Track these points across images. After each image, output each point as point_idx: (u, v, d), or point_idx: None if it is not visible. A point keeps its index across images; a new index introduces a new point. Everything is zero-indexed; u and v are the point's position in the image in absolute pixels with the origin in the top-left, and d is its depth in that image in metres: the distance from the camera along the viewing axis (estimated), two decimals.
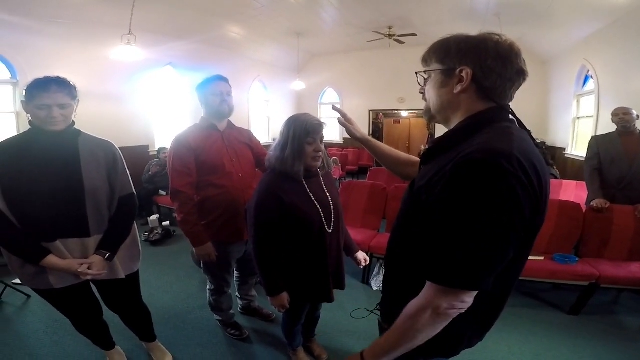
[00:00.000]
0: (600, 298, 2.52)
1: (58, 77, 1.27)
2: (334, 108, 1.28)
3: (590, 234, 2.61)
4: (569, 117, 5.61)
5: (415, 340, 0.72)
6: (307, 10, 5.61)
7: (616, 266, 2.37)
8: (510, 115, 0.75)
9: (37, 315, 2.31)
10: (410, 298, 0.74)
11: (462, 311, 0.69)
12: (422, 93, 0.85)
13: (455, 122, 0.77)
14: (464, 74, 0.71)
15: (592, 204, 2.65)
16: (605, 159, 2.71)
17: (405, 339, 0.73)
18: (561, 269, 2.36)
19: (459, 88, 0.73)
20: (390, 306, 0.91)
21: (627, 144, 2.61)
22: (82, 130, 1.42)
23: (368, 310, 1.06)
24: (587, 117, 5.14)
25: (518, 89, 0.74)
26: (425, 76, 0.82)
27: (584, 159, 2.96)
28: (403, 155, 1.23)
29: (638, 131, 2.61)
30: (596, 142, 2.81)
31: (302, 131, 1.34)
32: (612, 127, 2.78)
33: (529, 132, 0.74)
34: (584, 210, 2.67)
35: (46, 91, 1.22)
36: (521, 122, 0.75)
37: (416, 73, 0.84)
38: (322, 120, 1.40)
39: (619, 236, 2.54)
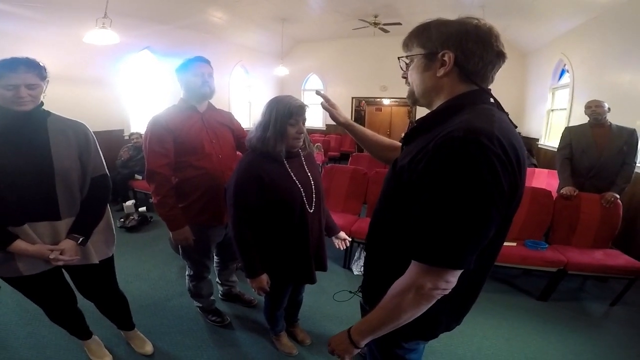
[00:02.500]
0: (567, 285, 2.67)
1: (27, 58, 1.21)
2: (318, 93, 1.29)
3: (559, 221, 2.74)
4: (544, 109, 5.79)
5: (400, 320, 0.73)
6: None
7: (582, 253, 2.50)
8: (491, 99, 0.76)
9: (9, 305, 2.20)
10: (391, 280, 0.75)
11: (446, 292, 0.70)
12: (404, 77, 0.86)
13: (437, 104, 0.78)
14: (446, 58, 0.73)
15: (562, 191, 2.77)
16: (576, 149, 2.82)
17: (389, 318, 0.74)
18: (532, 255, 2.47)
19: (441, 72, 0.74)
20: (371, 288, 0.92)
21: (598, 135, 2.73)
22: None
23: (351, 292, 1.07)
24: (560, 109, 5.33)
25: (497, 71, 0.75)
26: (407, 61, 0.83)
27: (556, 150, 3.08)
28: (386, 140, 1.24)
29: (609, 123, 2.73)
30: (569, 133, 2.93)
31: (284, 112, 1.32)
32: (584, 120, 2.89)
33: (507, 114, 0.75)
34: (554, 198, 2.79)
35: (14, 71, 1.16)
36: (500, 105, 0.76)
37: (399, 58, 0.85)
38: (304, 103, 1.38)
39: (586, 223, 2.67)
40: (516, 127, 0.74)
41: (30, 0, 3.71)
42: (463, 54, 0.71)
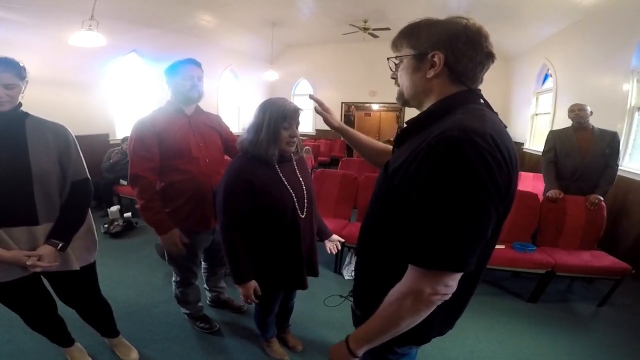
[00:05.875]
0: (555, 286, 2.69)
1: (5, 57, 1.18)
2: (311, 97, 1.26)
3: (546, 223, 2.78)
4: (528, 114, 5.92)
5: (399, 328, 0.71)
6: (284, 0, 5.48)
7: (569, 254, 2.54)
8: (480, 99, 0.76)
9: None
10: (382, 283, 0.74)
11: (446, 297, 0.67)
12: (394, 78, 0.85)
13: (428, 105, 0.77)
14: (436, 59, 0.71)
15: (547, 194, 2.82)
16: (560, 152, 2.88)
17: (388, 326, 0.72)
18: (520, 257, 2.49)
19: (431, 73, 0.73)
20: (362, 292, 0.90)
21: (581, 138, 2.80)
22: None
23: (342, 297, 1.05)
24: (544, 113, 5.46)
25: (487, 71, 0.75)
26: (397, 62, 0.81)
27: (540, 154, 3.14)
28: (380, 144, 1.23)
29: (592, 127, 2.80)
30: (553, 137, 2.99)
31: (278, 115, 1.29)
32: (567, 124, 2.95)
33: (497, 114, 0.75)
34: (540, 201, 2.84)
35: None
36: (490, 105, 0.76)
37: (388, 59, 0.84)
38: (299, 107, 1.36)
39: (572, 225, 2.72)
40: (506, 127, 0.74)
41: (14, 1, 3.62)
42: (453, 55, 0.70)
